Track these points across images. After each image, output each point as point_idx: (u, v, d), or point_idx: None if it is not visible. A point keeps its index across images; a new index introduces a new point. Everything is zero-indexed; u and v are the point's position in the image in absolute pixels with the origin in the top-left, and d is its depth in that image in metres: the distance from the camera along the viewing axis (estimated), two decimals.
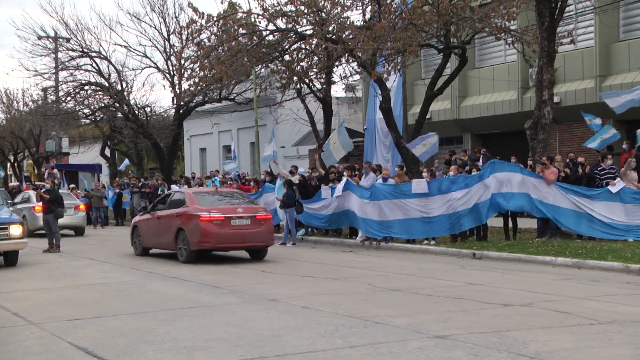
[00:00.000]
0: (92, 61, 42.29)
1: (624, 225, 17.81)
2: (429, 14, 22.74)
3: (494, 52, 31.51)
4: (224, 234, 17.94)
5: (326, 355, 8.00)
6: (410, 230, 20.12)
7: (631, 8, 27.00)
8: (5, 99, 56.93)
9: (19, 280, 15.23)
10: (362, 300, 11.62)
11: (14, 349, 8.88)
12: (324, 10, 24.78)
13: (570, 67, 26.97)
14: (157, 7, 40.95)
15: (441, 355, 7.87)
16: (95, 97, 43.60)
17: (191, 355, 8.20)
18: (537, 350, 7.93)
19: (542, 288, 12.48)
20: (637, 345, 8.14)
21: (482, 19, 22.97)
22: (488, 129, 31.97)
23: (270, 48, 26.58)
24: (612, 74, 26.97)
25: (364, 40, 23.30)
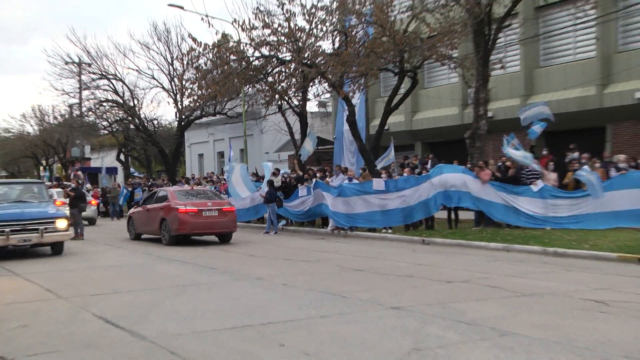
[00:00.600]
0: (109, 82, 42.23)
1: (543, 217, 18.00)
2: (386, 43, 22.84)
3: (440, 75, 31.56)
4: (197, 222, 19.04)
5: (302, 324, 8.09)
6: (371, 220, 20.17)
7: (549, 40, 27.17)
8: (38, 114, 57.14)
9: (49, 263, 15.15)
10: (332, 279, 11.70)
11: (47, 319, 8.93)
12: (300, 40, 24.80)
13: (500, 88, 27.11)
14: (162, 37, 41.09)
15: (396, 322, 8.00)
16: (112, 112, 43.68)
17: (191, 324, 8.25)
18: (473, 318, 8.09)
19: (477, 267, 12.62)
20: (551, 312, 8.33)
21: (430, 48, 23.12)
22: (435, 138, 32.02)
23: (256, 71, 26.56)
24: (534, 94, 27.13)
25: (334, 65, 23.40)
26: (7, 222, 15.05)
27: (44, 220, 15.59)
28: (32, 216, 15.63)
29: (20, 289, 11.70)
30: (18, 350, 7.30)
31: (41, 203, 17.03)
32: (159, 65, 41.71)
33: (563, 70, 26.56)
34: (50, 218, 15.70)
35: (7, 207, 16.16)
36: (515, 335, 7.19)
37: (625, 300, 9.05)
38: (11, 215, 15.39)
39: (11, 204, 16.60)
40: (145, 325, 8.28)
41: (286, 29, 24.76)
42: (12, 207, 16.18)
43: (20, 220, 15.33)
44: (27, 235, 15.22)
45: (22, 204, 16.69)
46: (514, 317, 8.10)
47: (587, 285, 10.24)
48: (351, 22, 24.91)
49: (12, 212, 15.73)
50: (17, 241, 15.15)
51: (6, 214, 15.40)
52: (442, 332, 7.44)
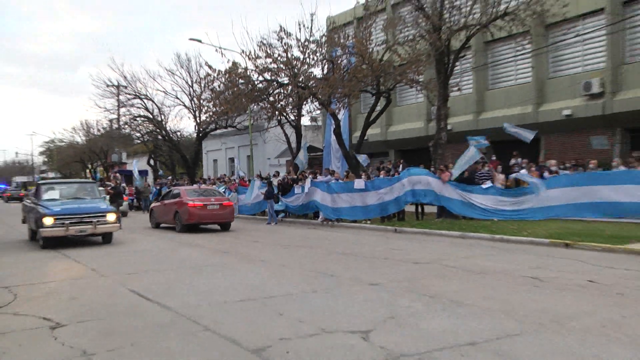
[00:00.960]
0: (142, 101, 42.11)
1: (492, 209, 18.02)
2: (365, 70, 22.83)
3: (409, 95, 31.68)
4: (203, 214, 19.67)
5: (297, 297, 8.12)
6: (353, 213, 20.15)
7: (496, 68, 27.33)
8: (85, 127, 57.83)
9: (95, 248, 15.11)
10: (321, 261, 11.70)
11: (92, 292, 8.96)
12: (295, 67, 24.78)
13: (457, 106, 27.26)
14: (184, 65, 40.89)
15: (374, 296, 8.04)
16: (143, 125, 43.60)
17: (208, 297, 8.28)
18: (436, 292, 8.13)
19: (439, 251, 12.66)
20: (497, 287, 8.37)
21: (401, 74, 23.12)
22: (405, 146, 32.12)
23: (260, 92, 26.48)
24: (484, 111, 27.31)
25: (323, 87, 23.39)
26: (67, 216, 14.87)
27: (97, 214, 15.41)
28: (87, 210, 15.42)
29: (72, 269, 11.70)
30: (70, 317, 7.35)
31: (94, 199, 16.80)
32: (181, 87, 41.71)
33: (506, 92, 26.73)
34: (102, 212, 15.54)
35: (66, 203, 15.94)
36: (468, 306, 7.25)
37: (555, 276, 9.13)
38: (70, 210, 15.18)
39: (69, 200, 16.36)
40: (170, 298, 8.30)
41: (284, 58, 24.75)
42: (71, 203, 15.93)
43: (77, 214, 15.12)
44: (83, 227, 15.03)
45: (79, 201, 16.46)
46: (467, 291, 8.15)
47: (525, 265, 10.31)
48: (337, 52, 24.91)
49: (71, 207, 15.49)
50: (75, 232, 14.95)
51: (66, 209, 15.19)
52: (411, 303, 7.49)
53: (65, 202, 15.96)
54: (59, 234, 14.74)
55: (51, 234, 14.69)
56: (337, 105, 25.00)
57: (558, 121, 24.21)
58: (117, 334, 6.49)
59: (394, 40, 24.07)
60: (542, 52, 24.70)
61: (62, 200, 16.26)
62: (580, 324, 6.30)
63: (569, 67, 24.58)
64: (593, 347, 5.50)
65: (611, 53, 22.60)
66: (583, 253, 11.68)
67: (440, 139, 21.28)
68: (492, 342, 5.72)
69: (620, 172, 16.78)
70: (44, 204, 15.68)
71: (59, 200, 16.21)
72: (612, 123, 22.86)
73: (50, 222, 14.63)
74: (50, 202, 15.77)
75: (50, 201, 15.93)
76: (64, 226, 14.73)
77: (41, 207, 15.43)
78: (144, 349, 5.88)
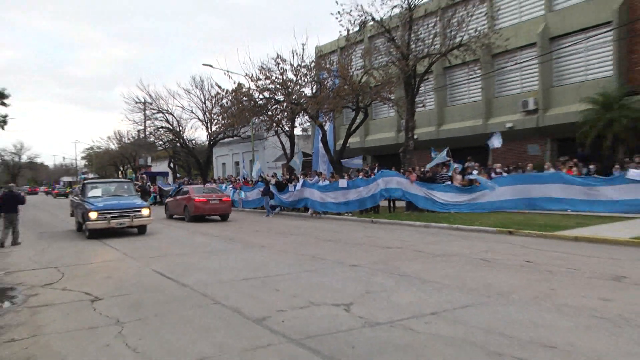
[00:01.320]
0: (164, 115, 42.12)
1: (451, 204, 18.04)
2: (347, 90, 22.86)
3: (382, 110, 31.67)
4: (206, 207, 19.82)
5: (291, 276, 8.11)
6: (337, 207, 20.08)
7: (453, 89, 27.41)
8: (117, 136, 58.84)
9: (126, 237, 14.97)
10: (311, 246, 11.68)
11: (123, 272, 8.90)
12: (290, 87, 24.81)
13: (422, 120, 27.31)
14: (198, 85, 41.20)
15: (353, 275, 8.03)
16: (165, 135, 43.59)
17: (217, 276, 8.25)
18: (404, 271, 8.15)
19: (407, 238, 12.65)
20: (454, 267, 8.38)
21: (376, 93, 23.19)
22: (379, 152, 32.12)
23: (260, 108, 26.42)
24: (443, 124, 27.33)
25: (312, 104, 23.42)
26: (109, 211, 14.59)
27: (134, 209, 15.01)
28: (126, 206, 15.02)
29: (108, 253, 11.60)
30: (106, 292, 7.35)
31: (130, 196, 16.33)
32: (196, 103, 41.99)
33: (461, 108, 26.82)
34: (138, 207, 15.14)
35: (107, 199, 15.59)
36: (432, 282, 7.27)
37: (500, 258, 9.17)
38: (111, 206, 14.85)
39: (110, 197, 15.99)
40: (187, 277, 8.26)
41: (280, 80, 24.73)
42: (111, 200, 15.55)
43: (117, 209, 14.78)
44: (122, 220, 14.65)
45: (118, 197, 16.00)
46: (430, 270, 8.17)
47: (477, 249, 10.35)
48: (324, 75, 24.93)
49: (111, 203, 15.13)
50: (115, 224, 14.58)
51: (108, 205, 14.87)
52: (384, 281, 7.50)
53: (107, 199, 15.63)
54: (102, 226, 14.46)
55: (95, 227, 14.42)
56: (323, 118, 25.03)
57: (502, 132, 24.23)
58: (144, 306, 6.47)
59: (370, 66, 24.13)
60: (489, 76, 24.82)
61: (103, 197, 15.93)
62: (518, 295, 6.35)
63: (510, 88, 24.74)
64: (528, 313, 5.55)
65: (542, 78, 22.83)
66: (522, 239, 11.75)
67: (408, 146, 21.37)
68: (449, 311, 5.75)
69: (550, 174, 16.93)
70: (89, 200, 15.37)
71: (101, 197, 15.88)
72: (544, 134, 23.05)
73: (94, 216, 14.36)
74: (94, 199, 15.48)
75: (94, 198, 15.64)
76: (106, 220, 14.46)
77: (87, 203, 15.13)
78: (165, 318, 5.86)
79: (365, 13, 20.76)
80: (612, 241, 10.47)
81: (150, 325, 5.63)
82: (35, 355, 4.83)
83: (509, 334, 4.90)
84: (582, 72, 21.97)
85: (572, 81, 22.29)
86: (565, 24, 22.12)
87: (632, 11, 20.16)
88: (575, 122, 20.36)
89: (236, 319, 5.75)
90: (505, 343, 4.65)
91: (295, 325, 5.39)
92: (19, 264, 10.44)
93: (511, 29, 23.70)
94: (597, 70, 21.46)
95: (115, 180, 19.77)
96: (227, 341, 4.98)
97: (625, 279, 7.20)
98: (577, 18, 21.69)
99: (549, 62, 22.65)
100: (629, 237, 10.50)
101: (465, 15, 20.53)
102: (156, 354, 4.73)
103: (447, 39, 20.84)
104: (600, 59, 21.31)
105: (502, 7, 24.58)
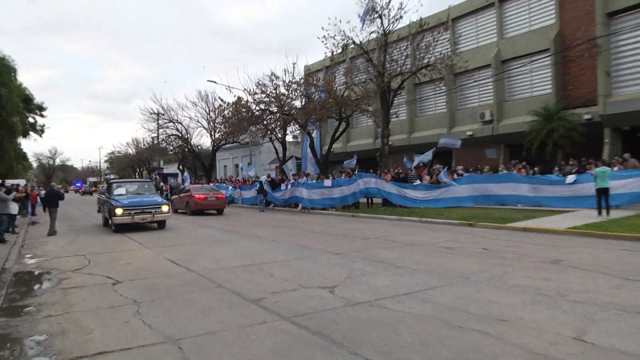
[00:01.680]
0: (174, 124, 41.70)
1: (421, 200, 18.03)
2: (331, 102, 22.89)
3: (362, 120, 31.69)
4: (204, 203, 20.10)
5: (283, 263, 8.07)
6: (323, 203, 20.06)
7: (422, 102, 27.61)
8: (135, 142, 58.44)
9: (140, 229, 14.79)
10: (300, 237, 11.65)
11: (140, 260, 8.79)
12: (282, 100, 24.74)
13: (395, 128, 27.41)
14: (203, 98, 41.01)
15: (337, 262, 8.01)
16: (175, 141, 43.19)
17: (219, 263, 8.17)
18: (381, 258, 8.14)
19: (383, 230, 12.67)
20: (423, 254, 8.39)
21: (356, 105, 23.24)
22: (360, 156, 31.86)
23: (257, 118, 26.33)
24: (414, 132, 27.50)
25: (301, 114, 23.43)
26: (132, 207, 14.06)
27: (155, 206, 14.45)
28: (148, 203, 14.45)
29: (127, 243, 11.46)
30: (125, 276, 7.30)
31: (151, 194, 15.77)
32: (201, 114, 41.60)
33: (429, 119, 27.00)
34: (159, 204, 14.57)
35: (131, 197, 15.05)
36: (404, 268, 7.29)
37: (462, 246, 9.23)
38: (135, 203, 14.30)
39: (133, 195, 15.45)
40: (193, 264, 8.19)
41: (274, 94, 24.68)
42: (134, 197, 14.97)
43: (140, 206, 14.24)
44: (144, 216, 14.13)
45: (140, 195, 15.38)
46: (403, 258, 8.18)
47: (443, 239, 10.40)
48: (311, 90, 24.92)
49: (135, 200, 14.57)
50: (139, 220, 14.09)
51: (132, 202, 14.31)
52: (363, 267, 7.50)
53: (130, 197, 15.10)
54: (127, 221, 13.95)
55: (121, 221, 13.92)
56: (311, 127, 25.01)
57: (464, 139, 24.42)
58: (157, 289, 6.41)
59: (351, 82, 24.17)
60: (452, 92, 25.02)
61: (127, 195, 15.40)
62: (477, 278, 6.40)
63: (470, 102, 24.96)
64: (485, 293, 5.60)
65: (496, 93, 23.10)
66: (481, 230, 11.85)
67: (384, 151, 21.42)
68: (420, 292, 5.77)
69: (503, 174, 17.09)
70: (114, 198, 14.91)
71: (125, 195, 15.36)
72: (498, 141, 23.30)
73: (120, 212, 13.89)
74: (120, 197, 15.02)
75: (119, 196, 15.19)
76: (130, 215, 13.95)
77: (113, 200, 14.62)
78: (175, 299, 5.81)
79: (347, 37, 20.80)
80: (553, 231, 10.64)
81: (163, 305, 5.58)
82: (68, 329, 4.85)
83: (469, 310, 4.95)
84: (528, 90, 22.31)
85: (520, 97, 22.60)
86: (513, 49, 22.46)
87: (564, 41, 20.58)
88: (523, 131, 20.67)
89: (236, 299, 5.72)
90: (466, 318, 4.69)
91: (287, 305, 5.38)
92: (54, 251, 10.53)
93: (470, 52, 23.94)
94: (539, 88, 21.82)
95: (137, 180, 19.31)
96: (228, 318, 4.96)
97: (562, 262, 7.32)
98: (523, 45, 22.06)
99: (501, 80, 22.96)
100: (566, 228, 10.70)
101: (432, 41, 20.67)
102: (168, 329, 4.70)
103: (417, 60, 20.97)
104: (541, 78, 21.71)
105: (462, 34, 24.83)
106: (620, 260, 7.27)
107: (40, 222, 18.94)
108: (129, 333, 4.63)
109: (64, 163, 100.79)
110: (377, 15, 20.18)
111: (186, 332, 4.60)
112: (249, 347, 4.12)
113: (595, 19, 18.71)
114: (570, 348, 3.84)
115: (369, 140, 30.71)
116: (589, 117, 19.32)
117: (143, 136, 68.03)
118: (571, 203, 14.61)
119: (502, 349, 3.86)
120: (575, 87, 20.47)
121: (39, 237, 13.69)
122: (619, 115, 18.07)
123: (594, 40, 18.63)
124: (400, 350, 3.92)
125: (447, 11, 24.46)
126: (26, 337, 4.66)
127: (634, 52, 18.07)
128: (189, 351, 4.10)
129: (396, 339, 4.17)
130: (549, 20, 21.22)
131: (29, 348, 4.39)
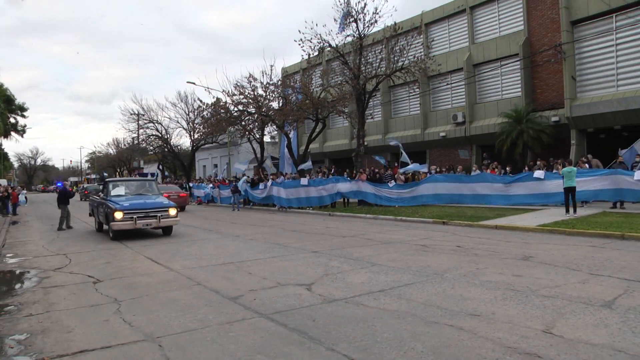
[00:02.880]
0: (154, 124, 41.51)
1: (395, 198, 18.24)
2: (308, 104, 22.88)
3: (338, 121, 31.79)
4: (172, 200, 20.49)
5: (261, 261, 8.01)
6: (300, 202, 20.05)
7: (396, 104, 27.86)
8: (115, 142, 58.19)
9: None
10: (278, 235, 11.61)
11: (120, 258, 8.55)
12: (260, 101, 24.60)
13: (370, 129, 27.63)
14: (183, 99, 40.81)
15: (314, 260, 7.99)
16: (155, 141, 42.74)
17: (198, 262, 8.06)
18: (357, 256, 8.15)
19: (359, 229, 12.71)
20: (399, 252, 8.44)
21: (332, 107, 23.32)
22: (336, 156, 32.28)
23: (235, 119, 26.07)
24: (389, 132, 27.71)
25: (279, 115, 23.31)
26: (135, 211, 11.68)
27: (161, 209, 12.06)
28: (153, 206, 12.08)
29: (107, 242, 11.25)
30: (105, 275, 7.21)
31: (154, 195, 13.30)
32: (181, 115, 41.08)
33: (404, 120, 27.28)
34: (165, 207, 12.16)
35: (132, 198, 12.63)
36: (380, 265, 7.32)
37: (436, 244, 9.33)
38: (137, 205, 11.92)
39: (134, 196, 12.99)
40: (173, 262, 8.07)
41: (252, 95, 24.52)
42: (136, 199, 12.54)
43: (144, 209, 11.86)
44: (149, 221, 11.76)
45: (143, 197, 12.91)
46: (379, 255, 8.21)
47: (417, 237, 10.47)
48: (289, 92, 24.86)
49: (137, 202, 12.15)
50: (142, 225, 11.71)
51: (134, 204, 11.92)
52: (340, 264, 7.50)
53: (131, 198, 12.67)
54: (128, 227, 11.58)
55: (121, 227, 11.54)
56: (288, 128, 24.92)
57: (437, 140, 24.94)
58: (137, 287, 6.29)
59: (327, 84, 24.22)
60: (425, 94, 25.36)
61: (127, 196, 13.03)
62: (451, 274, 6.47)
63: (444, 104, 25.35)
64: (459, 289, 5.67)
65: (468, 96, 23.53)
66: (454, 228, 12.00)
67: (359, 151, 21.54)
68: (395, 289, 5.80)
69: (476, 175, 17.41)
70: (112, 199, 12.52)
71: (124, 196, 13.01)
72: (471, 141, 23.74)
73: (120, 216, 11.52)
74: (118, 198, 12.65)
75: (117, 197, 12.82)
76: (132, 220, 11.58)
77: (111, 202, 12.25)
78: (155, 297, 5.70)
79: (324, 41, 20.83)
80: (523, 228, 10.88)
81: (143, 303, 5.46)
82: (49, 328, 4.75)
83: (444, 306, 5.00)
84: (499, 92, 22.81)
85: (491, 99, 23.08)
86: (484, 53, 22.92)
87: (532, 47, 21.14)
88: (494, 132, 21.11)
89: (215, 297, 5.64)
90: (440, 314, 4.75)
91: (265, 302, 5.34)
92: (35, 251, 10.34)
93: (443, 56, 24.33)
94: (509, 91, 22.33)
95: (139, 179, 16.07)
96: (207, 316, 4.89)
97: (532, 258, 7.49)
98: (493, 49, 22.54)
99: (473, 83, 23.40)
100: (536, 225, 10.96)
101: (406, 44, 20.91)
102: (148, 327, 4.61)
103: (391, 63, 21.17)
104: (511, 82, 22.23)
105: (435, 39, 25.21)
106: (587, 256, 7.48)
107: (20, 222, 18.42)
108: (109, 331, 4.55)
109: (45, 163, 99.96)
110: (352, 19, 20.29)
111: (166, 330, 4.51)
112: (227, 344, 4.07)
113: (561, 26, 19.28)
114: (539, 341, 3.93)
115: (345, 141, 30.83)
116: (557, 119, 19.90)
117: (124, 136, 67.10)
118: (539, 199, 15.02)
119: (475, 343, 3.91)
120: (543, 91, 21.04)
121: (20, 236, 13.35)
122: (584, 118, 18.67)
123: (560, 47, 19.19)
124: (376, 346, 3.93)
125: (420, 16, 24.80)
126: (6, 336, 4.54)
127: (597, 58, 18.70)
128: (169, 349, 4.02)
129: (372, 335, 4.19)
130: (518, 26, 21.75)
131: (9, 347, 4.27)
